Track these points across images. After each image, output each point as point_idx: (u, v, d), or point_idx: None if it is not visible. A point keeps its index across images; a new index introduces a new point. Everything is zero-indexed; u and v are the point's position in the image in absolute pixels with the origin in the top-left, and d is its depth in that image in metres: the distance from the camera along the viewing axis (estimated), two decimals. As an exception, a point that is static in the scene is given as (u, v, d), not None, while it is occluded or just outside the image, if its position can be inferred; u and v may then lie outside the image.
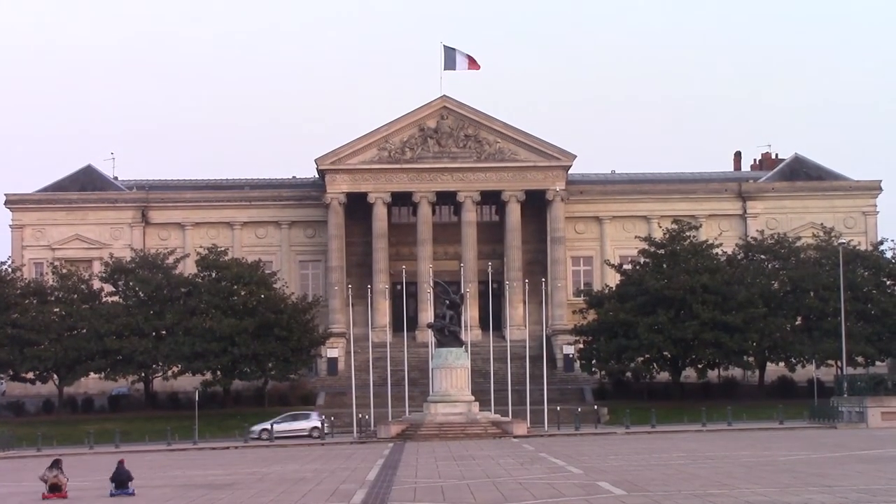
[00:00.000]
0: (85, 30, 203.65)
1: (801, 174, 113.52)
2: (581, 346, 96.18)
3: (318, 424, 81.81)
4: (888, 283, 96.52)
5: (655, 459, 48.37)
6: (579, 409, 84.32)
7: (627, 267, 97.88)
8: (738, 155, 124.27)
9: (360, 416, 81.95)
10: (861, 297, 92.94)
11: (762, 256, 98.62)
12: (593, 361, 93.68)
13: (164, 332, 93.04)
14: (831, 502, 30.26)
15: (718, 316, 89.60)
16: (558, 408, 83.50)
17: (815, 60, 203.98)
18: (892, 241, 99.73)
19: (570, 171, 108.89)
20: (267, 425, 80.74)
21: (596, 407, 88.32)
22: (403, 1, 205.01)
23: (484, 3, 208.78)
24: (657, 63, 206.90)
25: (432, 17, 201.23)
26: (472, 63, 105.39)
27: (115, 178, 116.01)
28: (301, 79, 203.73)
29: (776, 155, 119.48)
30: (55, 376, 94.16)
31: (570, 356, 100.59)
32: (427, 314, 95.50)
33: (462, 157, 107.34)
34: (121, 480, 39.32)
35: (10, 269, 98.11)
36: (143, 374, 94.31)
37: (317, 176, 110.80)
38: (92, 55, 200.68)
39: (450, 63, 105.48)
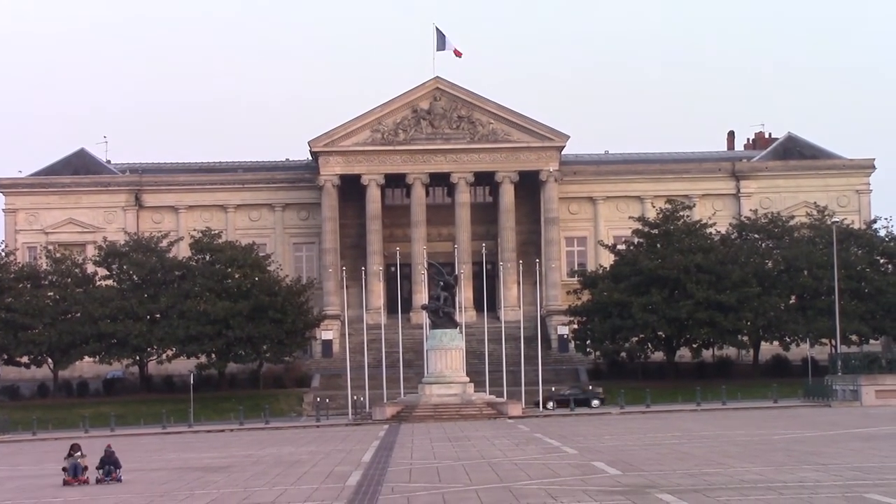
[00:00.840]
0: (78, 13, 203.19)
1: (795, 153, 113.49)
2: (575, 326, 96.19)
3: None
4: (882, 261, 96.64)
5: (650, 439, 48.44)
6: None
7: (621, 247, 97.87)
8: (731, 134, 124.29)
9: (354, 397, 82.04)
10: (855, 276, 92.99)
11: (756, 235, 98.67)
12: (588, 342, 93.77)
13: (158, 316, 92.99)
14: (826, 480, 30.32)
15: (712, 295, 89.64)
16: (553, 388, 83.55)
17: (808, 40, 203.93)
18: (886, 219, 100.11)
19: (563, 152, 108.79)
20: None
21: (591, 387, 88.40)
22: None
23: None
24: (650, 43, 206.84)
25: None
26: (457, 51, 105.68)
27: (108, 162, 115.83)
28: (294, 61, 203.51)
29: (769, 134, 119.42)
30: (50, 360, 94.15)
31: (565, 336, 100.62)
32: (421, 296, 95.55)
33: (455, 138, 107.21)
34: (107, 467, 38.50)
35: (3, 254, 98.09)
36: (137, 358, 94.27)
37: (310, 158, 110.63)
38: (84, 39, 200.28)
39: (441, 44, 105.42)
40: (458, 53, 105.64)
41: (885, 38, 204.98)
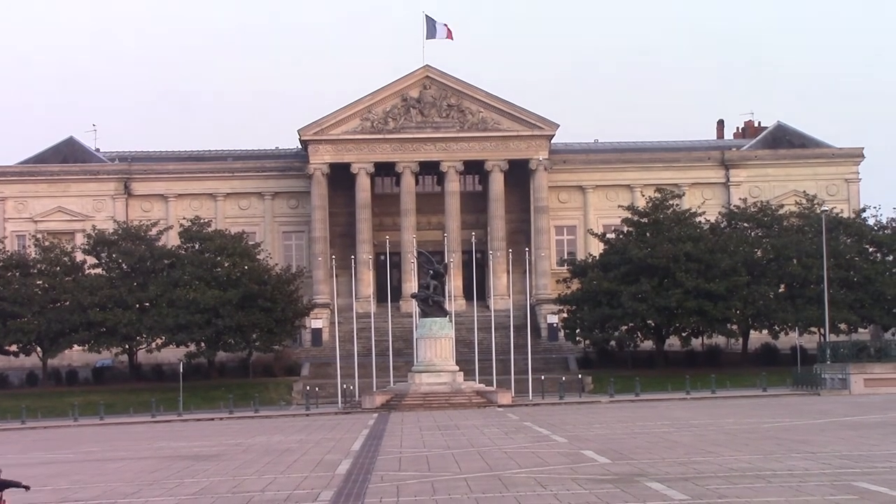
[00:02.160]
0: (66, 1, 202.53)
1: (784, 142, 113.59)
2: (565, 315, 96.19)
3: None
4: (871, 250, 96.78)
5: (639, 428, 48.50)
6: (563, 378, 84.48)
7: (611, 236, 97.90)
8: (720, 123, 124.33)
9: (344, 386, 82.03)
10: (844, 265, 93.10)
11: (745, 224, 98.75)
12: (577, 330, 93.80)
13: (147, 304, 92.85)
14: (815, 469, 30.39)
15: (702, 284, 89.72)
16: (542, 377, 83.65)
17: (797, 28, 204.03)
18: (875, 208, 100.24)
19: (553, 141, 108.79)
20: None
21: (580, 376, 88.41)
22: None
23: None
24: (639, 32, 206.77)
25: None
26: (449, 33, 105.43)
27: (97, 150, 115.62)
28: (283, 49, 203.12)
29: (759, 123, 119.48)
30: (39, 349, 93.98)
31: (554, 325, 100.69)
32: (411, 284, 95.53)
33: (445, 126, 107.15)
34: None
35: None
36: (126, 346, 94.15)
37: (300, 146, 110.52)
38: (72, 25, 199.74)
39: (431, 32, 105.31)
40: (449, 36, 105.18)
41: (873, 26, 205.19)
